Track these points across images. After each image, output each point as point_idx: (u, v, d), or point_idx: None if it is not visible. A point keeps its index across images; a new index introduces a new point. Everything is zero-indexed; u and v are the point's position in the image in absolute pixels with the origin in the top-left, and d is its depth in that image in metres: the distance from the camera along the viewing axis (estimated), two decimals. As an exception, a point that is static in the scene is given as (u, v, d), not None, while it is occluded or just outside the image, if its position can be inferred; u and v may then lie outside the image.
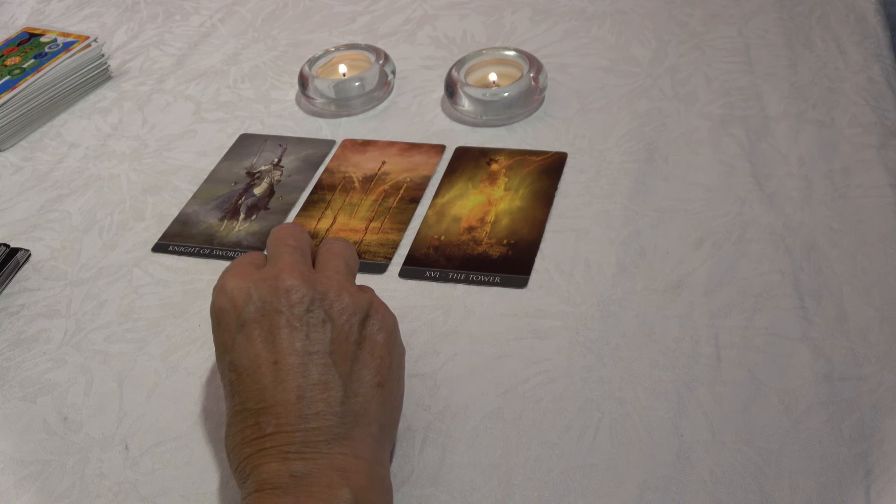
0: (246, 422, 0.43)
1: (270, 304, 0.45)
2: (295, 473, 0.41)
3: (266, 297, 0.45)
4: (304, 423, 0.42)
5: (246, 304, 0.45)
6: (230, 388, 0.45)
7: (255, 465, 0.42)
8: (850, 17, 0.77)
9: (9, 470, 0.52)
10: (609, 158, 0.67)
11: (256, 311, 0.45)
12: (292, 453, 0.42)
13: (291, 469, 0.41)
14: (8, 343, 0.61)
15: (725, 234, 0.59)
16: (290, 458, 0.41)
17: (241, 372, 0.44)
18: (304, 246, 0.49)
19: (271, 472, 0.41)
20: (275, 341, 0.44)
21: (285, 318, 0.44)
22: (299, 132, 0.77)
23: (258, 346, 0.44)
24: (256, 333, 0.44)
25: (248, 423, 0.43)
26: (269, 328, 0.44)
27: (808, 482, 0.44)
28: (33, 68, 0.83)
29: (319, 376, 0.43)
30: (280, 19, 0.95)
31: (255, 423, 0.43)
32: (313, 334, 0.44)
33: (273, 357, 0.44)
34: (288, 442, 0.42)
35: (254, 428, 0.43)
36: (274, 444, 0.42)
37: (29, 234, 0.71)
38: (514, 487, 0.46)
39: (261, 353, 0.44)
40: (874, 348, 0.50)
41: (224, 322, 0.46)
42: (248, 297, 0.45)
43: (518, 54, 0.75)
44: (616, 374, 0.51)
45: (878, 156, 0.62)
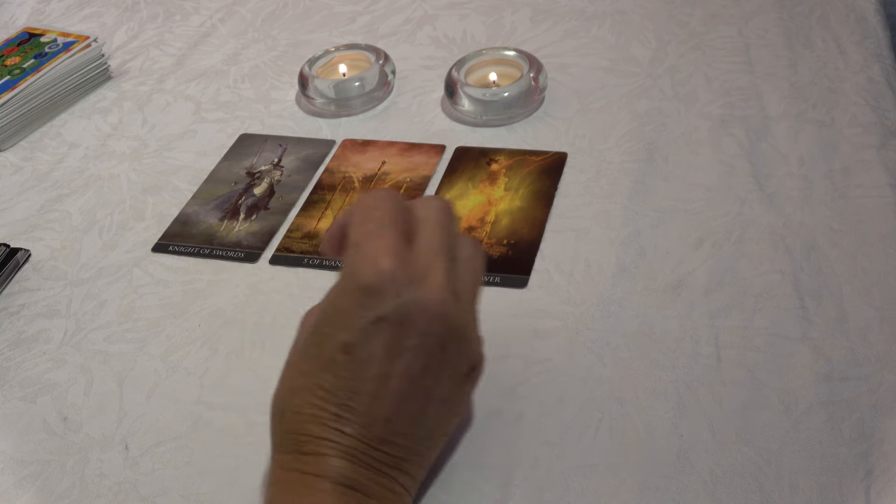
0: (327, 404, 0.42)
1: (413, 316, 0.41)
2: (358, 479, 0.42)
3: (412, 306, 0.41)
4: (379, 445, 0.42)
5: (390, 295, 0.41)
6: (328, 362, 0.42)
7: (322, 451, 0.42)
8: (850, 17, 0.77)
9: (9, 470, 0.52)
10: (609, 158, 0.67)
11: (396, 315, 0.41)
12: (360, 462, 0.42)
13: (357, 473, 0.42)
14: (8, 343, 0.61)
15: (725, 234, 0.59)
16: (357, 464, 0.42)
17: (352, 360, 0.42)
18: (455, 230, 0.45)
19: (337, 469, 0.41)
20: (398, 358, 0.42)
21: (418, 341, 0.42)
22: (299, 132, 0.77)
23: (379, 351, 0.42)
24: (387, 335, 0.41)
25: (330, 407, 0.42)
26: (401, 340, 0.42)
27: (808, 482, 0.44)
28: (33, 68, 0.83)
29: (416, 411, 0.43)
30: (280, 19, 0.95)
31: (336, 413, 0.42)
32: (432, 370, 0.43)
33: (387, 370, 0.42)
34: (360, 451, 0.42)
35: (334, 416, 0.42)
36: (346, 444, 0.42)
37: (29, 234, 0.71)
38: (514, 487, 0.46)
39: (379, 359, 0.42)
40: (874, 348, 0.50)
41: (358, 296, 0.41)
42: (395, 289, 0.41)
43: (518, 54, 0.75)
44: (616, 374, 0.51)
45: (878, 156, 0.62)
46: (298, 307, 0.59)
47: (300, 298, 0.60)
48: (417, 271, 0.42)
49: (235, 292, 0.62)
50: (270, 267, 0.63)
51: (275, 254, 0.64)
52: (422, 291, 0.41)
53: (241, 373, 0.56)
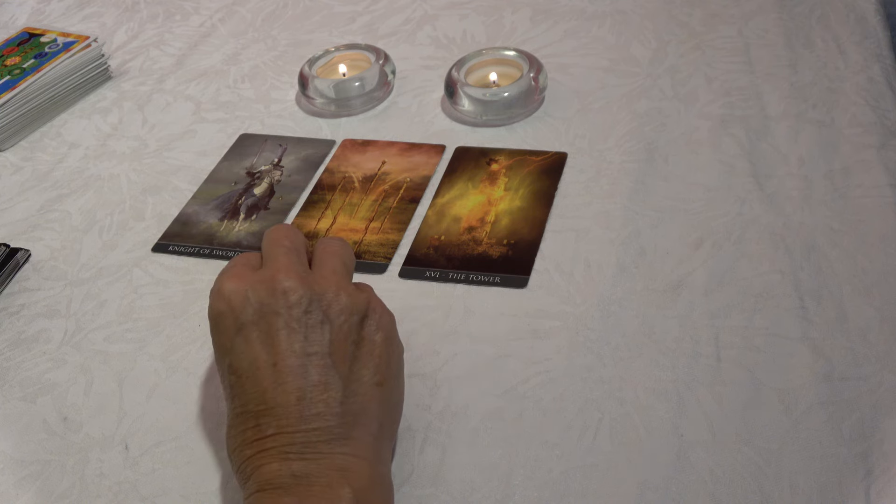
0: (247, 423, 0.43)
1: (268, 305, 0.45)
2: (296, 473, 0.41)
3: (263, 298, 0.45)
4: (304, 424, 0.42)
5: (243, 306, 0.45)
6: (230, 390, 0.45)
7: (257, 465, 0.42)
8: (850, 17, 0.77)
9: (9, 470, 0.52)
10: (609, 158, 0.67)
11: (254, 314, 0.45)
12: (293, 454, 0.42)
13: (293, 469, 0.41)
14: (8, 343, 0.61)
15: (725, 234, 0.59)
16: (290, 458, 0.41)
17: (240, 374, 0.44)
18: (300, 246, 0.49)
19: (272, 473, 0.41)
20: (273, 343, 0.44)
21: (283, 320, 0.44)
22: (299, 132, 0.77)
23: (257, 349, 0.44)
24: (255, 335, 0.44)
25: (249, 424, 0.43)
26: (267, 330, 0.44)
27: (808, 482, 0.44)
28: (33, 68, 0.83)
29: (319, 377, 0.43)
30: (280, 19, 0.95)
31: (255, 424, 0.43)
32: (312, 335, 0.44)
33: (272, 359, 0.44)
34: (289, 443, 0.42)
35: (254, 430, 0.43)
36: (275, 445, 0.42)
37: (29, 234, 0.71)
38: (514, 487, 0.46)
39: (259, 356, 0.44)
40: (874, 348, 0.50)
41: (222, 325, 0.46)
42: (246, 299, 0.45)
43: (518, 54, 0.75)
44: (616, 374, 0.51)
45: (878, 156, 0.62)
46: (298, 307, 0.60)
47: (300, 298, 0.60)
48: (261, 275, 0.46)
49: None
50: (270, 267, 0.63)
51: (275, 254, 0.64)
52: (266, 283, 0.45)
53: (241, 373, 0.56)
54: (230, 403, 0.45)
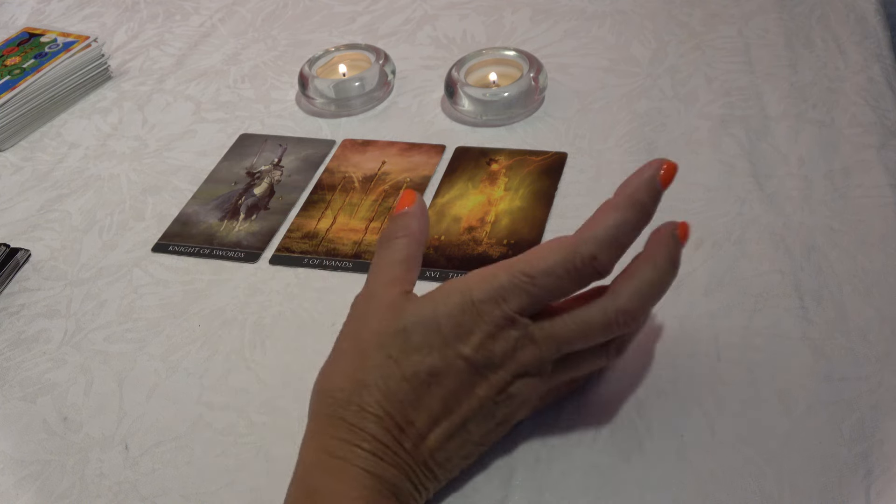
0: (395, 410, 0.43)
1: (494, 368, 0.43)
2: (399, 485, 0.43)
3: (499, 360, 0.43)
4: (421, 466, 0.43)
5: (482, 351, 0.43)
6: (412, 376, 0.43)
7: (380, 455, 0.42)
8: (850, 17, 0.77)
9: (9, 470, 0.52)
10: (609, 158, 0.67)
11: (480, 370, 0.43)
12: (404, 472, 0.43)
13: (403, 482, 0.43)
14: (8, 343, 0.61)
15: (725, 234, 0.59)
16: (402, 472, 0.43)
17: (433, 385, 0.43)
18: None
19: (388, 474, 0.42)
20: (466, 402, 0.44)
21: (487, 393, 0.44)
22: (299, 132, 0.77)
23: (457, 388, 0.43)
24: (466, 378, 0.43)
25: (395, 417, 0.43)
26: (472, 389, 0.44)
27: (808, 482, 0.44)
28: (33, 68, 0.84)
29: (455, 446, 0.44)
30: (280, 19, 0.95)
31: (401, 425, 0.43)
32: (481, 423, 0.44)
33: (456, 409, 0.44)
34: (409, 464, 0.43)
35: (396, 427, 0.43)
36: (400, 457, 0.43)
37: (29, 234, 0.71)
38: (514, 487, 0.46)
39: (454, 397, 0.43)
40: (874, 348, 0.50)
41: (458, 329, 0.43)
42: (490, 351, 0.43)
43: (518, 54, 0.75)
44: (616, 374, 0.51)
45: (878, 156, 0.62)
46: (298, 307, 0.60)
47: (300, 298, 0.60)
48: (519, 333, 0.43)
49: (235, 292, 0.62)
50: (270, 267, 0.63)
51: (275, 254, 0.64)
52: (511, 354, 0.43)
53: (241, 373, 0.56)
54: (398, 377, 0.43)
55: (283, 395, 0.54)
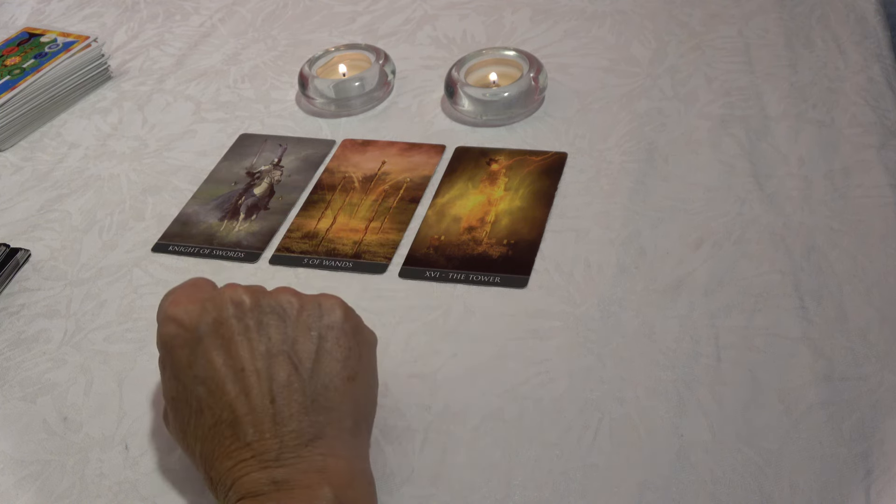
0: (222, 434, 0.43)
1: (222, 315, 0.44)
2: (276, 479, 0.41)
3: (217, 310, 0.45)
4: (278, 428, 0.42)
5: (198, 322, 0.45)
6: (198, 404, 0.44)
7: (236, 477, 0.42)
8: (850, 17, 0.77)
9: (9, 470, 0.52)
10: (609, 158, 0.67)
11: (209, 326, 0.44)
12: (272, 461, 0.41)
13: (273, 476, 0.41)
14: (8, 343, 0.61)
15: (725, 234, 0.59)
16: (269, 465, 0.41)
17: (208, 385, 0.44)
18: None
19: (253, 482, 0.41)
20: (234, 350, 0.44)
21: (240, 326, 0.44)
22: (299, 132, 0.77)
23: (219, 359, 0.44)
24: (215, 345, 0.44)
25: (225, 434, 0.43)
26: (226, 338, 0.44)
27: (808, 482, 0.44)
28: (33, 68, 0.83)
29: (286, 377, 0.43)
30: (280, 19, 0.95)
31: (231, 433, 0.42)
32: (272, 335, 0.44)
33: (237, 364, 0.43)
34: (266, 450, 0.42)
35: (231, 439, 0.42)
36: (253, 454, 0.42)
37: (29, 234, 0.71)
38: (514, 487, 0.46)
39: (223, 365, 0.43)
40: (874, 348, 0.50)
41: (177, 345, 0.45)
42: (199, 316, 0.45)
43: (518, 54, 0.75)
44: (616, 374, 0.51)
45: (878, 156, 0.62)
46: (298, 307, 0.60)
47: (300, 298, 0.60)
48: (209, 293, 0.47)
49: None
50: (270, 267, 0.63)
51: (275, 254, 0.64)
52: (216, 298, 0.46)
53: (241, 373, 0.56)
54: (198, 419, 0.44)
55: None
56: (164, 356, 0.46)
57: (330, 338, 0.45)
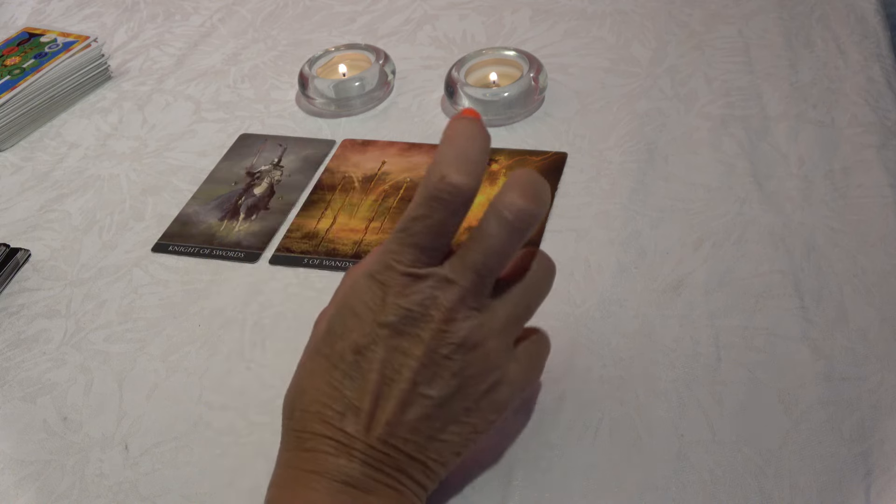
0: (333, 402, 0.42)
1: (424, 332, 0.41)
2: (356, 476, 0.41)
3: (419, 312, 0.41)
4: (380, 446, 0.42)
5: (406, 311, 0.41)
6: (339, 360, 0.42)
7: (322, 449, 0.42)
8: (850, 17, 0.77)
9: (9, 470, 0.52)
10: (609, 158, 0.67)
11: (408, 328, 0.42)
12: (358, 460, 0.42)
13: (354, 471, 0.41)
14: (8, 343, 0.61)
15: (725, 234, 0.59)
16: (355, 461, 0.42)
17: (360, 361, 0.42)
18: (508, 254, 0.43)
19: (335, 465, 0.41)
20: (403, 364, 0.42)
21: (424, 353, 0.41)
22: (299, 132, 0.77)
23: (388, 355, 0.42)
24: (395, 344, 0.42)
25: (336, 406, 0.42)
26: (407, 349, 0.41)
27: (808, 482, 0.44)
28: (33, 68, 0.84)
29: (415, 419, 0.42)
30: (280, 19, 0.95)
31: (341, 410, 0.42)
32: (437, 381, 0.42)
33: (392, 375, 0.42)
34: (360, 449, 0.42)
35: (337, 414, 0.42)
36: (346, 443, 0.42)
37: (29, 234, 0.71)
38: (514, 487, 0.46)
39: (386, 363, 0.42)
40: (874, 348, 0.50)
41: (376, 298, 0.42)
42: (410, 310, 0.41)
43: (518, 54, 0.75)
44: (616, 374, 0.51)
45: (878, 156, 0.62)
46: (298, 307, 0.60)
47: (300, 298, 0.60)
48: (427, 284, 0.41)
49: (235, 292, 0.62)
50: (270, 267, 0.63)
51: (275, 254, 0.64)
52: (434, 308, 0.41)
53: (241, 373, 0.56)
54: (327, 366, 0.43)
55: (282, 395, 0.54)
56: (364, 277, 0.43)
57: (473, 416, 0.43)
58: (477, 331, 0.42)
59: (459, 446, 0.44)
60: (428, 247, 0.41)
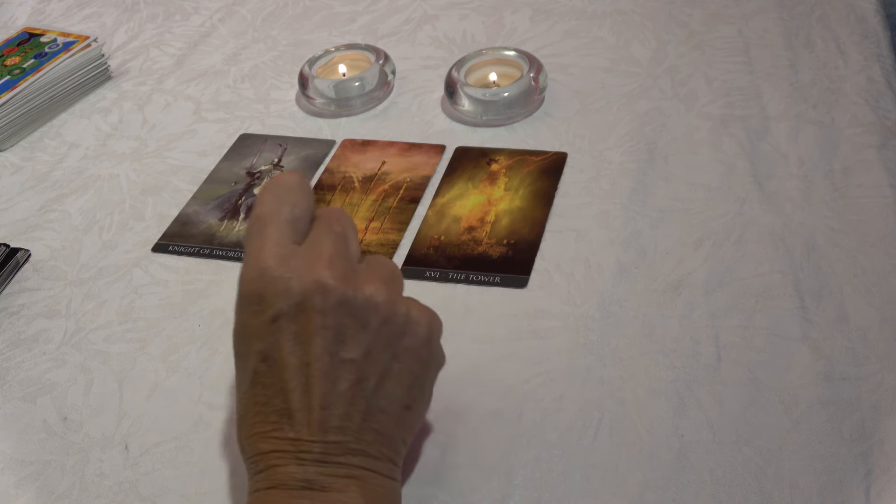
0: (267, 417, 0.42)
1: (309, 300, 0.42)
2: (310, 478, 0.41)
3: (306, 292, 0.42)
4: (324, 436, 0.42)
5: (284, 295, 0.42)
6: (253, 375, 0.43)
7: (272, 464, 0.42)
8: (850, 17, 0.77)
9: (9, 470, 0.52)
10: (609, 158, 0.67)
11: (294, 307, 0.42)
12: (310, 461, 0.41)
13: (308, 473, 0.41)
14: (8, 343, 0.61)
15: (725, 234, 0.59)
16: (306, 463, 0.41)
17: (271, 365, 0.42)
18: (350, 234, 0.46)
19: (288, 474, 0.41)
20: (309, 343, 0.42)
21: (322, 320, 0.42)
22: (299, 132, 0.77)
23: (291, 345, 0.42)
24: (292, 329, 0.42)
25: (270, 419, 0.42)
26: (305, 326, 0.42)
27: (808, 482, 0.44)
28: (33, 68, 0.84)
29: (347, 387, 0.42)
30: (280, 19, 0.95)
31: (277, 420, 0.42)
32: (349, 340, 0.42)
33: (305, 358, 0.42)
34: (307, 450, 0.41)
35: (275, 426, 0.42)
36: (294, 448, 0.42)
37: (29, 234, 0.71)
38: (514, 487, 0.46)
39: (293, 352, 0.42)
40: (874, 348, 0.50)
41: (256, 307, 0.43)
42: (287, 289, 0.42)
43: (518, 54, 0.75)
44: (616, 374, 0.51)
45: (878, 156, 0.62)
46: (298, 307, 0.60)
47: (300, 298, 0.60)
48: (305, 259, 0.43)
49: (235, 292, 0.62)
50: (270, 267, 0.63)
51: (275, 254, 0.64)
52: (310, 274, 0.42)
53: (241, 373, 0.56)
54: (249, 388, 0.43)
55: (283, 395, 0.54)
56: (239, 301, 0.44)
57: (402, 360, 0.44)
58: (350, 282, 0.43)
59: (405, 399, 0.44)
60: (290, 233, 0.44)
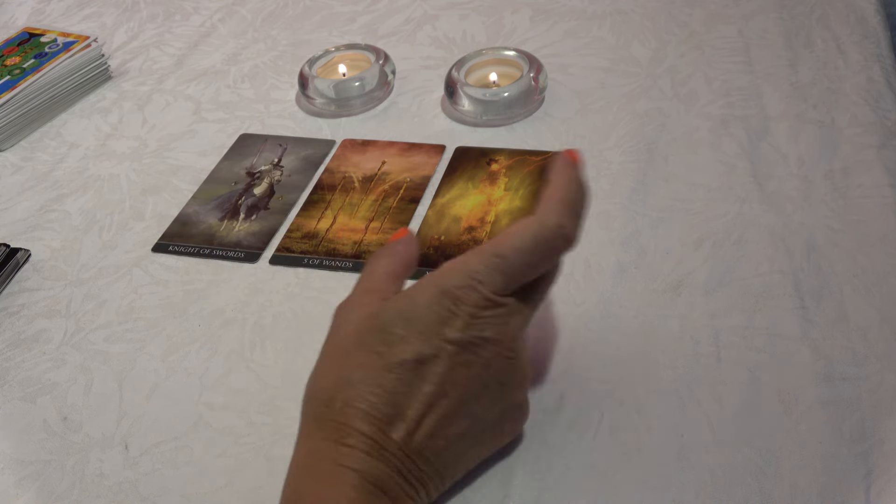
0: (382, 403, 0.42)
1: (483, 351, 0.43)
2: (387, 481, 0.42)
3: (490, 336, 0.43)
4: (416, 457, 0.42)
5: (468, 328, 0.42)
6: (394, 364, 0.42)
7: (361, 448, 0.41)
8: (850, 17, 0.77)
9: (9, 470, 0.52)
10: (609, 158, 0.67)
11: (469, 344, 0.43)
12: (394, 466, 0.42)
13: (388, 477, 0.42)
14: (8, 343, 0.61)
15: (725, 234, 0.59)
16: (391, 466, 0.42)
17: (421, 368, 0.42)
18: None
19: (374, 468, 0.41)
20: (456, 384, 0.42)
21: (482, 374, 0.43)
22: (299, 132, 0.77)
23: (446, 368, 0.42)
24: (458, 360, 0.42)
25: (383, 409, 0.42)
26: (467, 368, 0.43)
27: (808, 482, 0.44)
28: (33, 68, 0.84)
29: (454, 433, 0.43)
30: (280, 19, 0.95)
31: (387, 415, 0.42)
32: (482, 402, 0.44)
33: (443, 390, 0.42)
34: (397, 456, 0.42)
35: (384, 419, 0.42)
36: (387, 448, 0.42)
37: (29, 234, 0.71)
38: (514, 487, 0.46)
39: (445, 379, 0.42)
40: (874, 348, 0.50)
41: (453, 307, 0.42)
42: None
43: (518, 54, 0.75)
44: (616, 374, 0.51)
45: (878, 156, 0.62)
46: (298, 307, 0.60)
47: (300, 298, 0.60)
48: (504, 311, 0.43)
49: (235, 292, 0.62)
50: (270, 267, 0.63)
51: (275, 254, 0.64)
52: (501, 330, 0.43)
53: (241, 373, 0.56)
54: (368, 357, 0.43)
55: (282, 395, 0.54)
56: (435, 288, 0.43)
57: (503, 423, 0.46)
58: (525, 356, 0.45)
59: (472, 464, 0.46)
60: (517, 280, 0.43)
